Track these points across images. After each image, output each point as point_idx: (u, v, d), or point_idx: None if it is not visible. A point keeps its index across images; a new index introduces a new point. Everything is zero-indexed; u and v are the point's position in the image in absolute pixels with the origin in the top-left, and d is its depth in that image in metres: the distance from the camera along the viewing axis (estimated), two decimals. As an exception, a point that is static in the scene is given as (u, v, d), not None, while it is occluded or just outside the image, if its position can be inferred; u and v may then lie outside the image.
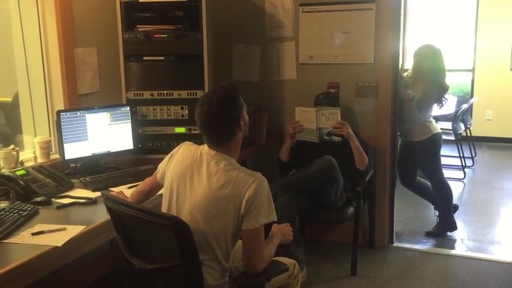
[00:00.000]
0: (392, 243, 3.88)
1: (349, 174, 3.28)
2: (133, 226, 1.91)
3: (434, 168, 3.95)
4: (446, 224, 4.02)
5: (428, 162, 3.91)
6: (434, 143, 3.85)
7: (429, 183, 4.02)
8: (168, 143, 3.19)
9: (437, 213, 4.09)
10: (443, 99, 3.84)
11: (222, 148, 1.92)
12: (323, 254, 3.67)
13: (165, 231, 1.73)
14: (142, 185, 2.26)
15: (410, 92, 3.67)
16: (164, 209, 1.99)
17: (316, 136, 3.25)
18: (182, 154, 2.01)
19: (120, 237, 1.95)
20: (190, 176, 1.92)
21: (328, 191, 3.16)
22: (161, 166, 2.10)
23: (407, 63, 7.43)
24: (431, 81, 3.74)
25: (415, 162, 3.92)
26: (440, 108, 3.92)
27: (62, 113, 2.76)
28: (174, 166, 1.99)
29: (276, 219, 1.91)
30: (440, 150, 3.94)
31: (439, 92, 3.78)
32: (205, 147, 1.96)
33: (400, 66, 3.73)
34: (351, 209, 3.32)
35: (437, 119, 4.84)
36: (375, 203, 3.73)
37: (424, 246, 3.86)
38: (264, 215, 1.84)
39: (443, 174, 4.01)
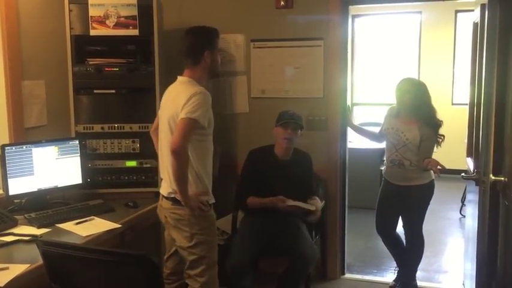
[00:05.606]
0: (344, 274, 3.92)
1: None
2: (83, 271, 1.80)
3: (420, 216, 3.50)
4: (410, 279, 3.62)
5: (417, 209, 3.48)
6: (431, 188, 3.53)
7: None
8: (118, 177, 3.15)
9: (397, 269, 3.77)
10: (438, 136, 3.44)
11: (189, 71, 2.58)
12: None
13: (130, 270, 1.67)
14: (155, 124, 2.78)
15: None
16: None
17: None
18: (167, 90, 2.66)
19: None
20: (166, 100, 2.62)
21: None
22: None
23: (356, 97, 7.76)
24: (419, 118, 3.38)
25: (401, 208, 3.51)
26: (437, 148, 3.54)
27: (6, 147, 2.68)
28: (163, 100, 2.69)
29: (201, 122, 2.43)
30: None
31: (433, 128, 3.40)
32: (179, 77, 2.61)
33: (348, 100, 3.85)
34: (303, 241, 3.33)
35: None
36: (327, 234, 3.78)
37: (375, 277, 3.92)
38: (190, 112, 2.39)
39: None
